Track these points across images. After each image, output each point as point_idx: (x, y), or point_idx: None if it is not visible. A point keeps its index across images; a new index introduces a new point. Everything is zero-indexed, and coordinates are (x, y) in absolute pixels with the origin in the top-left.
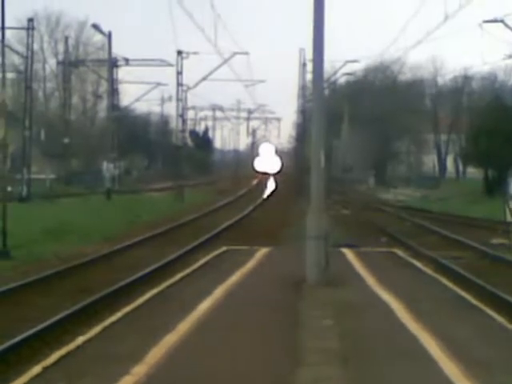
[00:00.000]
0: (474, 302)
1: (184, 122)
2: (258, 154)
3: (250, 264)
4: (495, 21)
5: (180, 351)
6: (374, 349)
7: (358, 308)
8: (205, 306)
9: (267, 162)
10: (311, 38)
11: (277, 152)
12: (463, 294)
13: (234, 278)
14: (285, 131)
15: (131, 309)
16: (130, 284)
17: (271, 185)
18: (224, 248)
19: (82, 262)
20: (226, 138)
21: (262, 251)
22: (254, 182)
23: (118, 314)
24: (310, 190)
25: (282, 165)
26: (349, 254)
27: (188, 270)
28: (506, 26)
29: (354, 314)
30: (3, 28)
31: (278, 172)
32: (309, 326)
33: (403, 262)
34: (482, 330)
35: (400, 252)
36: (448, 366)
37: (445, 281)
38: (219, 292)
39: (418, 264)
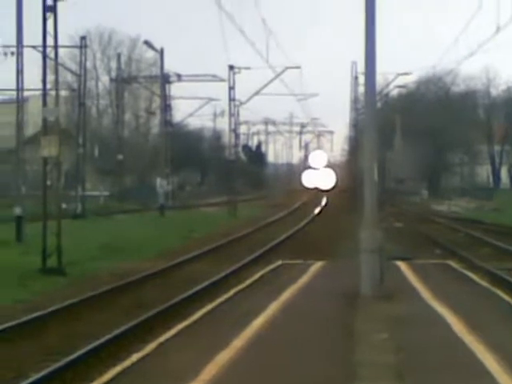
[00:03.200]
0: None
1: (237, 136)
2: (309, 166)
3: (305, 278)
4: None
5: (235, 368)
6: (430, 363)
7: (413, 321)
8: (259, 321)
9: (319, 175)
10: (363, 50)
11: (329, 165)
12: None
13: (289, 292)
14: (337, 144)
15: (186, 325)
16: (184, 300)
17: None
18: (279, 262)
19: (136, 278)
20: (279, 151)
21: (317, 265)
22: (305, 198)
23: (173, 331)
24: (364, 203)
25: (337, 179)
26: (402, 266)
27: (243, 285)
28: None
29: (409, 328)
30: (56, 46)
31: (333, 188)
32: (364, 339)
33: (458, 274)
34: None
35: (454, 264)
36: (506, 380)
37: (501, 293)
38: (274, 307)
39: (473, 276)
